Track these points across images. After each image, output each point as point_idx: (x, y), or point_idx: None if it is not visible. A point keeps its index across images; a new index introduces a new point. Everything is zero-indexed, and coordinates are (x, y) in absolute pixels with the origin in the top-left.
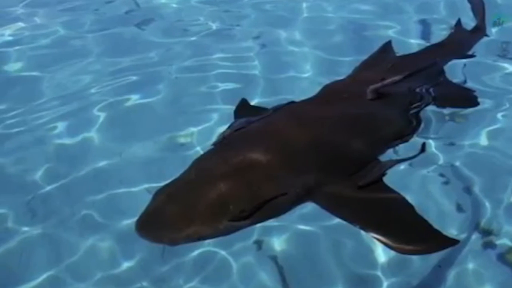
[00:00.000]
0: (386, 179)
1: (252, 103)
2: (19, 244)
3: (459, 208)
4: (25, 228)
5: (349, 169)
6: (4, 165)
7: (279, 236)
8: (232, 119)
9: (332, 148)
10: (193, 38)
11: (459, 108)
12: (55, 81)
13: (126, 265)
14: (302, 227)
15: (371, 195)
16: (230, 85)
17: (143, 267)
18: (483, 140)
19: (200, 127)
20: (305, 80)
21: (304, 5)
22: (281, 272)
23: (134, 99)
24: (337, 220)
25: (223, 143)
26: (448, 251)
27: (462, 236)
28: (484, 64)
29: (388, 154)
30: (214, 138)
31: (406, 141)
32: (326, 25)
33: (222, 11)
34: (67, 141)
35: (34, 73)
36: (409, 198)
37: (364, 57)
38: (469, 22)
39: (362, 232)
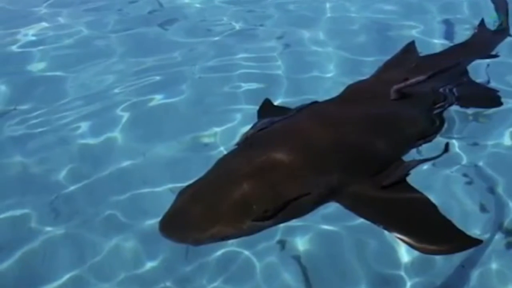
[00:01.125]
0: (409, 179)
1: (276, 103)
2: (42, 244)
3: (483, 208)
4: (49, 228)
5: (372, 169)
6: (27, 165)
7: (302, 236)
8: (255, 119)
9: (355, 148)
10: (217, 38)
11: (482, 108)
12: (78, 81)
13: (149, 265)
14: (325, 227)
15: (394, 195)
16: (254, 85)
17: (166, 267)
18: (507, 140)
19: (223, 127)
20: (329, 80)
21: (328, 5)
22: (304, 272)
23: (158, 99)
24: (360, 220)
25: (247, 143)
26: (472, 251)
27: (486, 236)
28: (508, 64)
29: (412, 154)
30: (237, 138)
31: (430, 141)
32: (350, 25)
33: (246, 11)
34: (90, 141)
35: (57, 73)
36: (432, 198)
37: (388, 57)
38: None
39: (385, 232)
